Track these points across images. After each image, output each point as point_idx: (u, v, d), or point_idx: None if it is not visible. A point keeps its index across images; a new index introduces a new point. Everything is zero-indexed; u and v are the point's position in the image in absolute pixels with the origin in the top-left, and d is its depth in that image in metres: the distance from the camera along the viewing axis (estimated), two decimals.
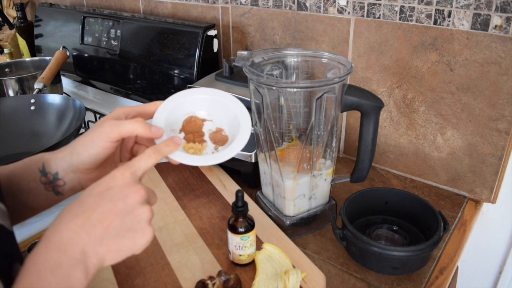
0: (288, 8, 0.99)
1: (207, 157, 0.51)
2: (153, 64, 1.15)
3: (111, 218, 0.40)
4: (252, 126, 0.75)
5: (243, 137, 0.51)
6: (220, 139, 0.54)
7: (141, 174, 0.45)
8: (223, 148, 0.52)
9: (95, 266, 0.40)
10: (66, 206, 0.42)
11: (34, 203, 0.52)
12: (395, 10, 0.84)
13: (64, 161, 0.51)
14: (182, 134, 0.53)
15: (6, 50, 1.54)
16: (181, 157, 0.49)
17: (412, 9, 0.81)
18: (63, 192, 0.52)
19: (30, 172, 0.51)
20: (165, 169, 0.95)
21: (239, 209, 0.65)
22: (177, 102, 0.54)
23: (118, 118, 0.51)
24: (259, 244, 0.70)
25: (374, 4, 0.86)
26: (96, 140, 0.49)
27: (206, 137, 0.54)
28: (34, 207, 0.53)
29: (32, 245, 0.74)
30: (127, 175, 0.43)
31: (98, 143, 0.49)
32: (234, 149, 0.50)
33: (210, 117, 0.55)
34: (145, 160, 0.45)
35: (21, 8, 1.58)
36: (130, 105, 1.29)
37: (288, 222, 0.76)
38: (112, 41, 1.26)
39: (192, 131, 0.54)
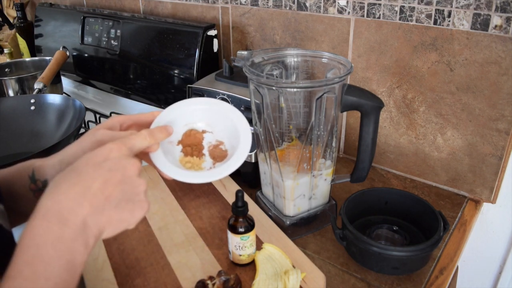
0: (288, 8, 0.99)
1: (203, 174, 0.50)
2: (153, 64, 1.15)
3: (111, 188, 0.40)
4: (252, 126, 0.75)
5: (241, 154, 0.50)
6: (219, 155, 0.53)
7: (136, 152, 0.46)
8: (220, 164, 0.52)
9: (95, 236, 0.40)
10: (58, 175, 0.41)
11: (25, 210, 0.51)
12: (395, 10, 0.84)
13: (54, 169, 0.49)
14: (180, 147, 0.52)
15: (6, 50, 1.54)
16: (175, 172, 0.48)
17: (412, 9, 0.81)
18: None
19: (20, 178, 0.50)
20: None
21: (239, 209, 0.65)
22: (175, 114, 0.53)
23: (113, 127, 0.50)
24: (259, 244, 0.70)
25: (374, 4, 0.86)
26: (87, 151, 0.47)
27: (205, 151, 0.53)
28: (25, 213, 0.52)
29: None
30: (124, 149, 0.43)
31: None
32: (230, 167, 0.49)
33: (211, 128, 0.54)
34: (140, 140, 0.46)
35: (21, 8, 1.58)
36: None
37: (288, 222, 0.76)
38: (112, 41, 1.26)
39: (191, 144, 0.53)
